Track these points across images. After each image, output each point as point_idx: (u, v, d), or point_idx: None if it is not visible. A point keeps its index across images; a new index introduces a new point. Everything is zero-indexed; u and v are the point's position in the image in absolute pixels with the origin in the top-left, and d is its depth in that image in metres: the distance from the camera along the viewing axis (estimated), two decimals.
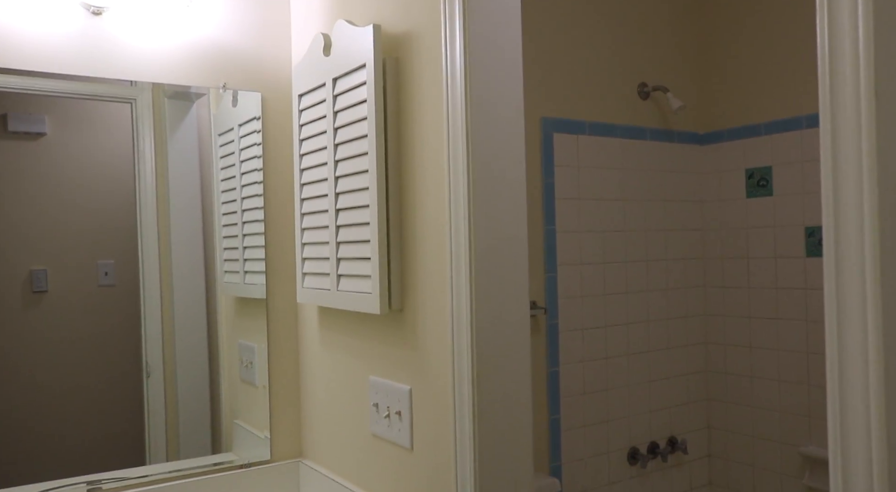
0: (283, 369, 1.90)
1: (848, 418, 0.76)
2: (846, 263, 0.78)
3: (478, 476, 1.31)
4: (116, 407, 1.70)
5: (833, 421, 0.78)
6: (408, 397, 1.45)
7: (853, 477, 0.74)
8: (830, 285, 0.80)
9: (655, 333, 2.75)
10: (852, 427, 0.75)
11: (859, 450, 0.74)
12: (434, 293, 1.38)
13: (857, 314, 0.76)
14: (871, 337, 0.74)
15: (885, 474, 0.70)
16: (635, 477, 2.69)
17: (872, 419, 0.73)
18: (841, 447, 0.76)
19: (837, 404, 0.77)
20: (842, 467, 0.75)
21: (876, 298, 0.74)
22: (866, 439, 0.73)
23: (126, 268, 1.71)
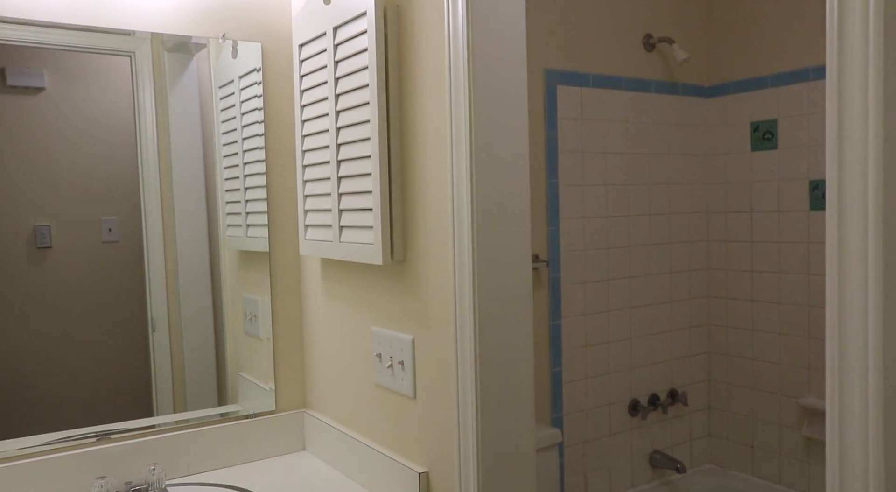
0: (286, 322, 1.91)
1: (846, 369, 0.77)
2: (849, 217, 0.78)
3: (479, 425, 1.33)
4: (123, 361, 1.71)
5: (831, 372, 0.79)
6: (410, 346, 1.46)
7: (849, 427, 0.75)
8: (832, 239, 0.79)
9: (658, 286, 2.75)
10: (850, 378, 0.76)
11: (855, 401, 0.75)
12: (436, 244, 1.39)
13: (859, 268, 0.76)
14: (872, 290, 0.74)
15: (880, 424, 0.71)
16: (636, 428, 2.73)
17: (870, 371, 0.73)
18: (838, 398, 0.77)
19: (836, 355, 0.78)
20: (838, 418, 0.76)
21: (878, 251, 0.74)
22: (863, 389, 0.74)
23: (130, 224, 1.71)
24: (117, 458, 1.65)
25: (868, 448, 0.73)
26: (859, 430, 0.74)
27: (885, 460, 0.70)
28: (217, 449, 1.78)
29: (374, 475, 1.59)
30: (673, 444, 2.85)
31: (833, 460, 0.77)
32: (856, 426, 0.74)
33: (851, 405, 0.75)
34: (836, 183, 0.80)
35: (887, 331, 0.73)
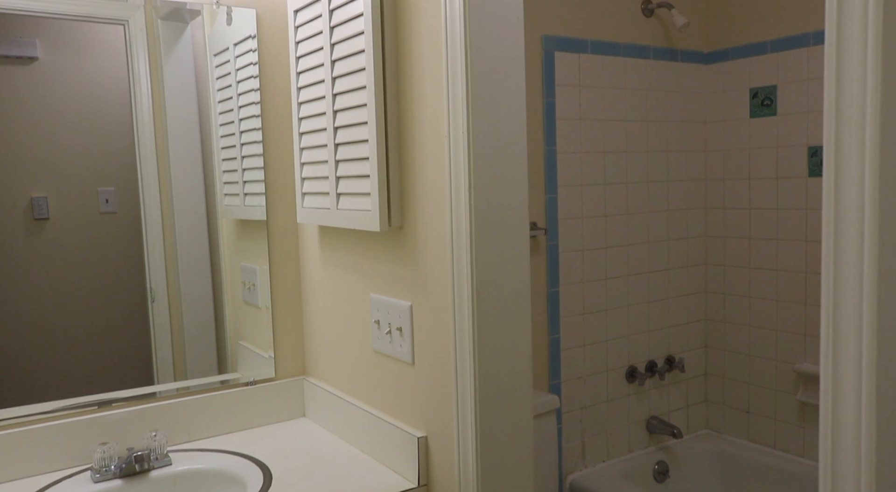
0: (285, 290, 1.92)
1: (840, 335, 0.77)
2: (846, 183, 0.78)
3: (478, 390, 1.34)
4: (123, 331, 1.72)
5: (826, 338, 0.79)
6: (408, 313, 1.47)
7: (842, 391, 0.76)
8: (829, 204, 0.79)
9: (655, 254, 2.76)
10: (844, 344, 0.76)
11: (849, 365, 0.75)
12: (434, 210, 1.39)
13: (855, 234, 0.76)
14: (867, 257, 0.74)
15: (872, 388, 0.72)
16: (633, 394, 2.75)
17: (864, 336, 0.74)
18: (832, 363, 0.78)
19: (831, 321, 0.79)
20: (832, 382, 0.77)
21: (874, 217, 0.74)
22: (857, 355, 0.74)
23: (127, 195, 1.71)
24: (119, 425, 1.67)
25: (860, 412, 0.73)
26: (852, 394, 0.75)
27: (876, 423, 0.71)
28: (217, 416, 1.80)
29: (374, 441, 1.61)
30: (670, 410, 2.87)
31: (826, 423, 0.78)
32: (849, 391, 0.75)
33: (845, 370, 0.76)
34: (834, 149, 0.80)
35: (881, 298, 0.73)
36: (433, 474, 1.46)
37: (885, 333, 0.73)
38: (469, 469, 1.36)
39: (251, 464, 1.60)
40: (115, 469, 1.55)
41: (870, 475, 0.70)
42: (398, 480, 1.50)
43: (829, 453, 0.75)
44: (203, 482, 1.59)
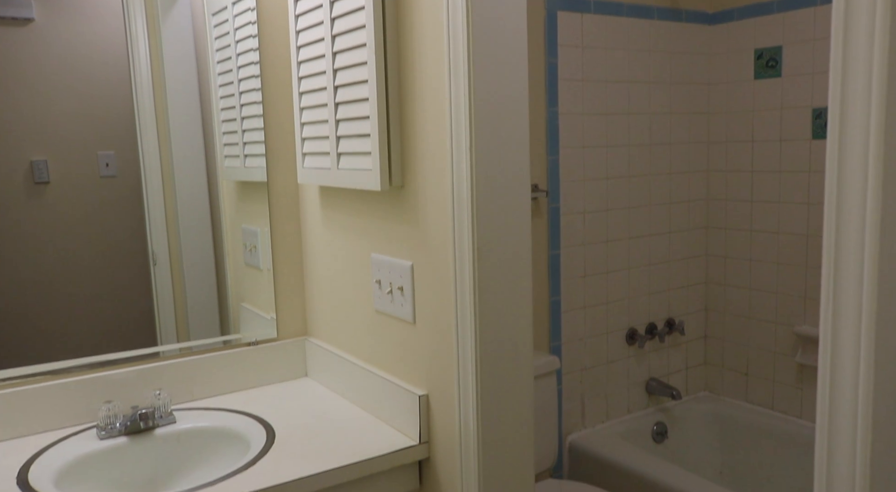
0: (286, 251, 1.92)
1: (840, 296, 0.77)
2: (849, 145, 0.78)
3: (478, 349, 1.34)
4: (125, 294, 1.73)
5: (826, 299, 0.79)
6: (409, 272, 1.47)
7: (841, 352, 0.76)
8: (832, 167, 0.79)
9: (657, 217, 2.76)
10: (844, 305, 0.76)
11: (849, 327, 0.75)
12: (434, 169, 1.38)
13: (857, 196, 0.76)
14: (869, 219, 0.74)
15: (871, 349, 0.72)
16: (633, 356, 2.77)
17: (864, 297, 0.74)
18: (832, 325, 0.78)
19: (832, 282, 0.78)
20: (831, 343, 0.77)
21: (877, 180, 0.74)
22: (856, 316, 0.75)
23: (127, 158, 1.70)
24: (123, 384, 1.68)
25: (858, 373, 0.74)
26: (850, 356, 0.75)
27: (874, 383, 0.71)
28: (220, 376, 1.81)
29: (375, 399, 1.63)
30: (669, 372, 2.90)
31: (824, 385, 0.78)
32: (847, 352, 0.75)
33: (844, 332, 0.76)
34: (839, 111, 0.79)
35: (882, 259, 0.73)
36: (434, 431, 1.48)
37: (884, 295, 0.73)
38: (470, 427, 1.37)
39: (254, 422, 1.62)
40: (121, 427, 1.57)
41: (866, 435, 0.71)
42: (399, 437, 1.52)
43: (826, 414, 0.76)
44: (207, 440, 1.61)
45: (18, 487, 1.35)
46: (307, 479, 1.36)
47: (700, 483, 2.24)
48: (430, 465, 1.50)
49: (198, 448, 1.60)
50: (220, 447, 1.59)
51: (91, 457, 1.50)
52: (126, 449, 1.55)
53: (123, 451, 1.55)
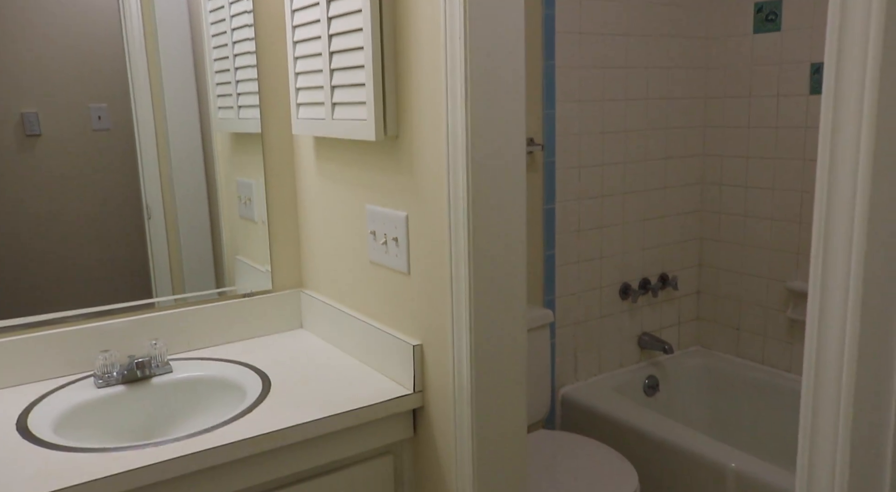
0: (281, 204, 1.92)
1: (831, 249, 0.77)
2: (844, 101, 0.77)
3: (472, 300, 1.35)
4: (120, 248, 1.73)
5: (816, 253, 0.80)
6: (404, 223, 1.48)
7: (830, 305, 0.77)
8: (826, 121, 0.79)
9: (652, 172, 2.75)
10: (833, 258, 0.77)
11: (838, 282, 0.76)
12: (430, 120, 1.37)
13: (850, 151, 0.76)
14: (861, 175, 0.74)
15: (858, 301, 0.73)
16: (626, 311, 2.80)
17: (854, 252, 0.74)
18: (821, 277, 0.78)
19: (822, 236, 0.79)
20: (821, 295, 0.78)
21: (870, 134, 0.74)
22: (845, 271, 0.75)
23: (119, 111, 1.68)
24: (119, 334, 1.69)
25: (845, 326, 0.74)
26: (838, 311, 0.76)
27: (860, 336, 0.72)
28: (216, 327, 1.82)
29: (370, 349, 1.64)
30: (662, 326, 2.92)
31: (811, 339, 0.79)
32: (837, 307, 0.76)
33: (834, 289, 0.76)
34: (835, 64, 0.78)
35: (872, 214, 0.73)
36: (428, 381, 1.50)
37: (873, 250, 0.73)
38: (463, 377, 1.39)
39: (250, 372, 1.64)
40: (118, 376, 1.58)
41: (849, 390, 0.72)
42: (394, 386, 1.54)
43: (812, 369, 0.77)
44: (204, 389, 1.63)
45: (18, 433, 1.36)
46: (303, 426, 1.38)
47: (689, 434, 2.28)
48: (424, 414, 1.52)
49: (195, 397, 1.62)
50: (217, 396, 1.61)
51: (89, 405, 1.52)
52: (123, 397, 1.57)
53: (121, 399, 1.56)
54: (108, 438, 1.49)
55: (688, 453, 2.24)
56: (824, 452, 0.75)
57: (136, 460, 1.24)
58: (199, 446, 1.28)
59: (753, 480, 2.07)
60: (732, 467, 2.12)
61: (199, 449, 1.27)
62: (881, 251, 0.73)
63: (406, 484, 1.58)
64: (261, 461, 1.37)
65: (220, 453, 1.29)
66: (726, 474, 2.13)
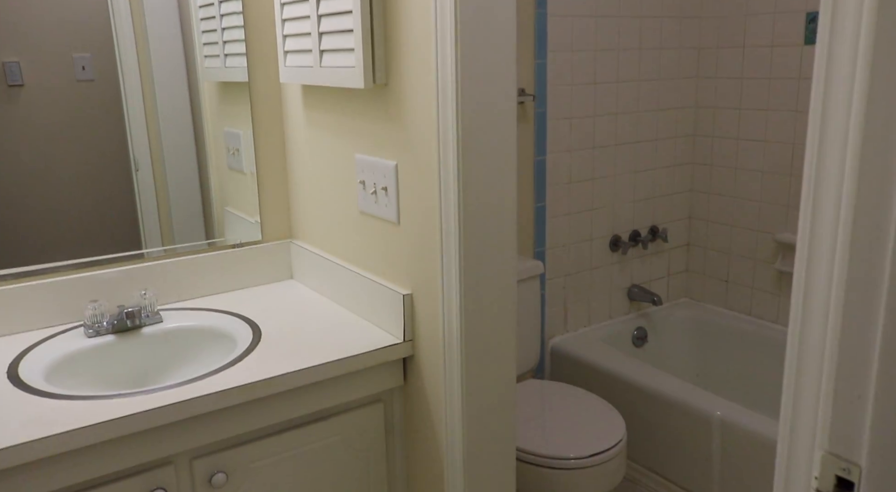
0: (269, 154, 1.90)
1: (820, 201, 0.77)
2: (838, 49, 0.76)
3: (462, 249, 1.35)
4: (108, 201, 1.71)
5: (806, 203, 0.79)
6: (394, 172, 1.47)
7: (817, 256, 0.77)
8: (820, 70, 0.77)
9: (644, 123, 2.74)
10: (822, 210, 0.77)
11: (826, 233, 0.76)
12: (419, 67, 1.35)
13: (843, 102, 0.75)
14: (853, 124, 0.73)
15: (846, 253, 0.73)
16: (616, 263, 2.81)
17: (843, 204, 0.74)
18: (810, 229, 0.78)
19: (812, 185, 0.78)
20: (808, 246, 0.78)
21: (863, 87, 0.73)
22: (834, 222, 0.75)
23: (104, 61, 1.65)
24: (109, 284, 1.69)
25: (832, 278, 0.74)
26: (826, 260, 0.76)
27: (846, 289, 0.72)
28: (206, 277, 1.82)
29: (360, 299, 1.64)
30: (651, 278, 2.94)
31: (799, 287, 0.79)
32: (823, 256, 0.76)
33: (821, 237, 0.76)
34: (830, 14, 0.77)
35: (863, 167, 0.73)
36: (418, 330, 1.50)
37: (862, 201, 0.73)
38: (453, 326, 1.40)
39: (241, 321, 1.64)
40: (108, 325, 1.59)
41: (835, 334, 0.73)
42: (384, 335, 1.55)
43: (798, 317, 0.77)
44: (194, 338, 1.63)
45: (9, 381, 1.37)
46: (294, 374, 1.39)
47: (676, 384, 2.32)
48: (415, 363, 1.54)
49: (185, 346, 1.62)
50: (207, 345, 1.62)
51: (80, 354, 1.53)
52: (114, 347, 1.57)
53: (111, 348, 1.57)
54: (100, 386, 1.50)
55: (674, 402, 2.27)
56: (807, 402, 0.76)
57: (127, 408, 1.24)
58: (190, 394, 1.29)
59: (738, 428, 2.11)
60: (718, 416, 2.16)
61: (191, 396, 1.28)
62: (870, 203, 0.72)
63: (396, 432, 1.60)
64: (252, 409, 1.38)
65: (211, 400, 1.30)
66: (712, 422, 2.17)
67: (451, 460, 1.48)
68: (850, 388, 0.71)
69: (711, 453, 2.20)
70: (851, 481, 0.72)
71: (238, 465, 1.39)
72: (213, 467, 1.36)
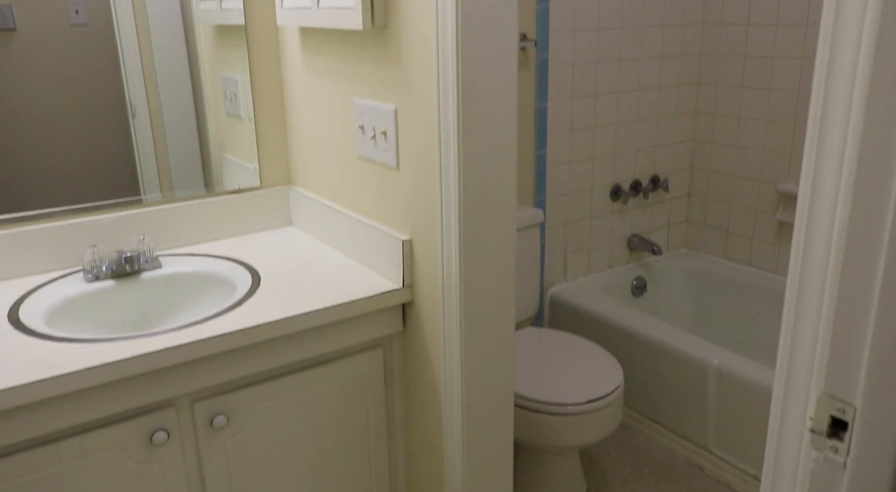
0: (267, 99, 1.87)
1: (824, 149, 0.76)
2: None
3: (462, 194, 1.34)
4: (105, 147, 1.70)
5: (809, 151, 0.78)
6: (393, 116, 1.45)
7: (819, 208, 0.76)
8: (828, 18, 0.75)
9: (648, 71, 2.70)
10: (826, 159, 0.76)
11: (829, 183, 0.75)
12: (419, 9, 1.32)
13: (850, 48, 0.73)
14: (861, 70, 0.72)
15: (848, 202, 0.72)
16: (616, 212, 2.80)
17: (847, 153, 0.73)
18: (813, 178, 0.77)
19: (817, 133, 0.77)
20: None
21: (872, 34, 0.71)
22: (837, 171, 0.74)
23: (97, 5, 1.62)
24: (107, 229, 1.68)
25: (833, 228, 0.74)
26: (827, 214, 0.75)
27: (847, 239, 0.72)
28: (204, 223, 1.81)
29: (359, 245, 1.64)
30: (651, 228, 2.94)
31: (799, 237, 0.78)
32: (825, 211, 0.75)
33: (824, 189, 0.75)
34: None
35: (868, 115, 0.72)
36: (417, 276, 1.50)
37: (866, 151, 0.72)
38: (452, 271, 1.40)
39: (240, 267, 1.64)
40: (107, 270, 1.59)
41: (833, 284, 0.72)
42: (383, 281, 1.55)
43: (798, 267, 0.77)
44: (194, 284, 1.63)
45: (10, 324, 1.37)
46: (293, 318, 1.39)
47: (674, 333, 2.33)
48: (414, 308, 1.54)
49: (184, 291, 1.63)
50: (207, 290, 1.62)
51: (80, 298, 1.53)
52: (113, 291, 1.57)
53: (111, 293, 1.57)
54: (100, 330, 1.51)
55: (672, 351, 2.29)
56: (805, 343, 0.76)
57: (128, 350, 1.25)
58: (190, 337, 1.30)
59: (734, 376, 2.13)
60: (715, 364, 2.18)
61: (191, 340, 1.29)
62: (875, 153, 0.71)
63: (395, 377, 1.62)
64: (252, 353, 1.39)
65: (211, 344, 1.31)
66: (708, 370, 2.19)
67: (449, 405, 1.49)
68: (848, 329, 0.71)
69: (707, 401, 2.23)
70: (846, 420, 0.72)
71: (239, 407, 1.41)
72: (213, 409, 1.38)
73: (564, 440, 1.99)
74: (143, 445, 1.32)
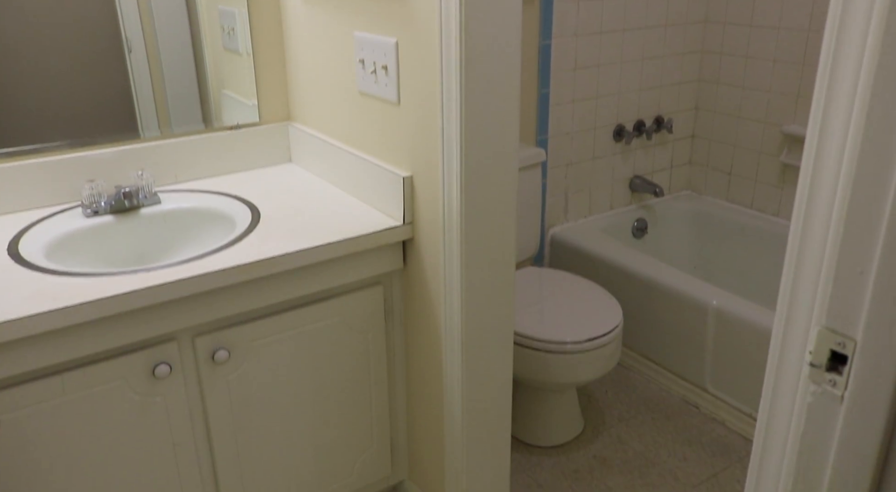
0: (265, 33, 1.83)
1: (835, 90, 0.74)
2: None
3: (464, 128, 1.32)
4: (102, 83, 1.67)
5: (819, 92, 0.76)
6: (394, 50, 1.42)
7: (826, 151, 0.75)
8: None
9: (654, 8, 2.63)
10: (836, 100, 0.74)
11: (838, 124, 0.73)
12: None
13: None
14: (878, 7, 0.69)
15: (857, 148, 0.70)
16: (619, 153, 2.77)
17: (858, 94, 0.71)
18: (822, 119, 0.75)
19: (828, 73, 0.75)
20: (818, 140, 0.75)
21: None
22: (847, 113, 0.72)
23: None
24: (105, 164, 1.67)
25: (840, 170, 0.73)
26: (835, 155, 0.73)
27: (854, 182, 0.70)
28: (203, 159, 1.80)
29: (360, 182, 1.63)
30: (654, 170, 2.91)
31: (805, 179, 0.77)
32: (833, 153, 0.74)
33: (832, 134, 0.74)
34: None
35: (884, 56, 0.69)
36: (418, 212, 1.50)
37: (877, 92, 0.70)
38: (453, 208, 1.39)
39: (239, 203, 1.63)
40: (105, 205, 1.58)
41: (838, 228, 0.72)
42: (384, 218, 1.54)
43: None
44: (193, 219, 1.63)
45: (11, 258, 1.37)
46: (293, 254, 1.39)
47: (674, 274, 2.33)
48: (414, 245, 1.54)
49: (184, 227, 1.62)
50: (206, 226, 1.61)
51: (79, 233, 1.53)
52: (112, 227, 1.57)
53: (110, 228, 1.57)
54: (100, 265, 1.51)
55: (671, 291, 2.29)
56: (808, 277, 0.75)
57: (128, 284, 1.25)
58: (190, 272, 1.30)
59: (733, 317, 2.14)
60: (714, 305, 2.18)
61: (191, 275, 1.29)
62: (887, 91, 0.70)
63: (396, 314, 1.63)
64: (252, 288, 1.39)
65: (211, 278, 1.31)
66: (707, 311, 2.20)
67: (449, 342, 1.50)
68: (853, 263, 0.70)
69: (705, 341, 2.24)
70: (845, 354, 0.72)
71: (240, 342, 1.42)
72: (215, 343, 1.39)
73: (563, 378, 2.01)
74: (146, 378, 1.34)
